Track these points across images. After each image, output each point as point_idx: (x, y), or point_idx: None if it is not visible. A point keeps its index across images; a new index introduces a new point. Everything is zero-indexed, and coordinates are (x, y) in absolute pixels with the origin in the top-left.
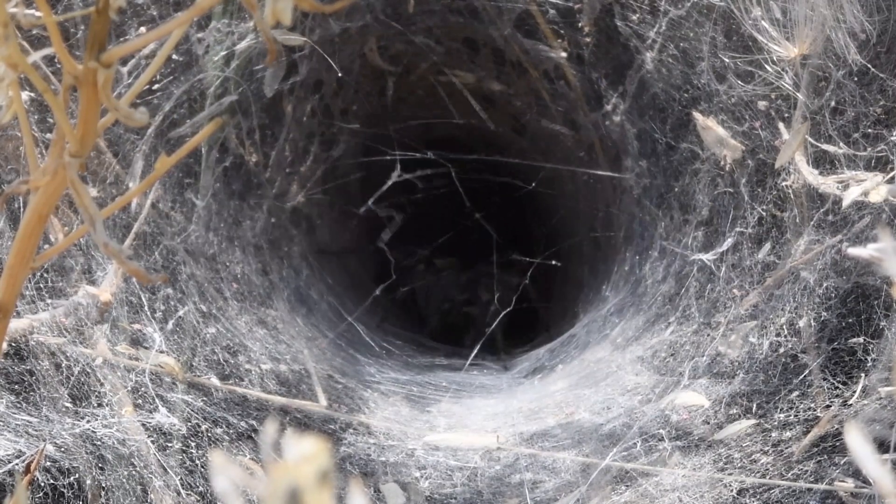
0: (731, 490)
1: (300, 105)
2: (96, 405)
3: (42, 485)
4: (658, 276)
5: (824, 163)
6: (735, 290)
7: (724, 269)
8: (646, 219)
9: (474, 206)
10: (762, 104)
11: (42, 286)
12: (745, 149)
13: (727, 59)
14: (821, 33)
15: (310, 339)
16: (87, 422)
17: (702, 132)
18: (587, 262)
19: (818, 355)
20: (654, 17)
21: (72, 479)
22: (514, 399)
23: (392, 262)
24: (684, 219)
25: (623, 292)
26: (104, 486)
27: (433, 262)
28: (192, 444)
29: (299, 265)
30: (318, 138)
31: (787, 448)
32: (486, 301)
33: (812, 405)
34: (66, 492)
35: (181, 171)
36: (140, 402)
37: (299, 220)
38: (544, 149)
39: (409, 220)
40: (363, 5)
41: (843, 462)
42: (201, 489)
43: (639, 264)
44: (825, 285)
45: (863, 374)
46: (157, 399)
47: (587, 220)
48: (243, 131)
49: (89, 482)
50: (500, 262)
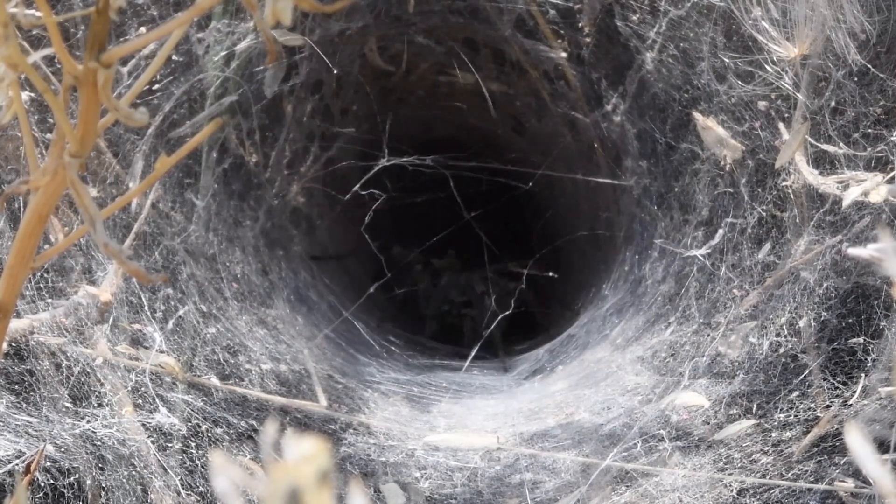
0: (732, 490)
1: (300, 105)
2: (96, 405)
3: (42, 485)
4: (658, 275)
5: (824, 163)
6: (735, 290)
7: (723, 269)
8: (646, 219)
9: (473, 204)
10: (762, 104)
11: (42, 286)
12: (745, 149)
13: (727, 60)
14: (821, 33)
15: (310, 339)
16: (88, 422)
17: (702, 132)
18: (587, 261)
19: (818, 355)
20: (654, 18)
21: (72, 479)
22: (515, 399)
23: (383, 260)
24: (684, 219)
25: (623, 292)
26: (104, 486)
27: (431, 263)
28: (193, 445)
29: (299, 266)
30: (318, 139)
31: (787, 448)
32: (485, 303)
33: (812, 405)
34: (66, 492)
35: (181, 172)
36: (140, 402)
37: (299, 220)
38: (544, 149)
39: (409, 220)
40: (363, 5)
41: (843, 462)
42: (201, 489)
43: (638, 264)
44: (825, 285)
45: (863, 375)
46: (157, 399)
47: (587, 219)
48: (243, 132)
49: (89, 482)
50: (498, 267)
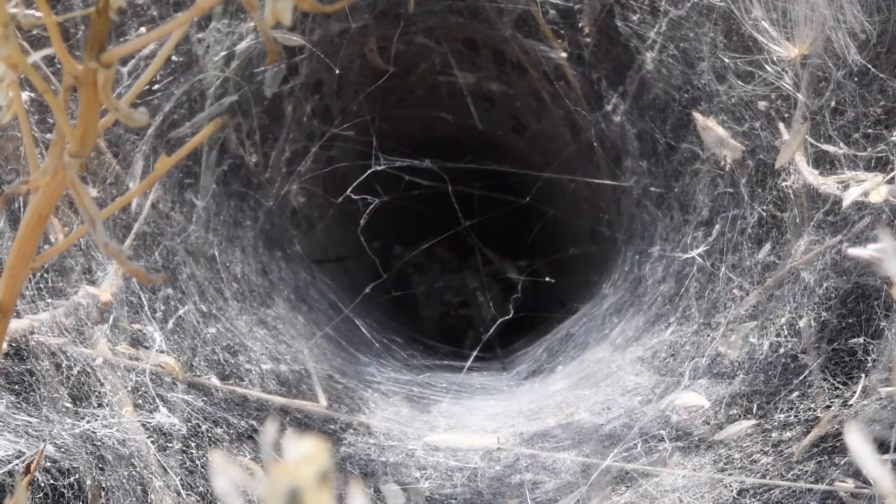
0: (732, 490)
1: (300, 106)
2: (96, 405)
3: (42, 485)
4: (658, 275)
5: (824, 163)
6: (735, 290)
7: (724, 269)
8: (646, 219)
9: (474, 202)
10: (762, 104)
11: (42, 286)
12: (745, 149)
13: (727, 60)
14: (821, 33)
15: (310, 339)
16: (88, 422)
17: (702, 132)
18: (587, 261)
19: (818, 356)
20: (655, 18)
21: (72, 479)
22: (515, 400)
23: (377, 262)
24: (684, 219)
25: (623, 292)
26: (104, 486)
27: (426, 264)
28: (193, 445)
29: (298, 266)
30: (318, 139)
31: (787, 448)
32: (480, 303)
33: (812, 405)
34: (66, 492)
35: (181, 172)
36: (140, 402)
37: (299, 220)
38: (544, 149)
39: (410, 220)
40: (363, 5)
41: (843, 462)
42: (201, 489)
43: (638, 264)
44: (825, 286)
45: (863, 375)
46: (157, 399)
47: (588, 219)
48: (243, 132)
49: (89, 482)
50: (493, 269)
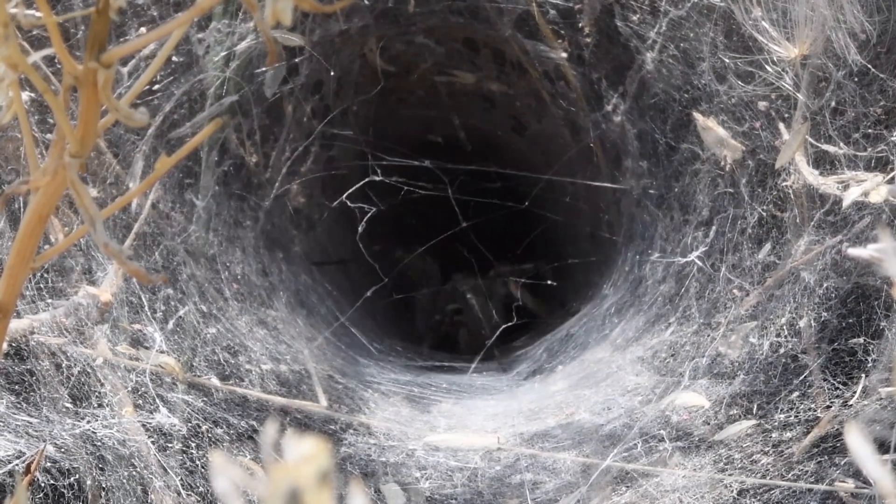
0: (732, 491)
1: (300, 106)
2: (96, 405)
3: (42, 485)
4: (658, 276)
5: (824, 163)
6: (735, 290)
7: (724, 269)
8: (646, 219)
9: (474, 204)
10: (762, 104)
11: (42, 286)
12: (745, 149)
13: (727, 60)
14: (821, 34)
15: (310, 340)
16: (88, 422)
17: (702, 132)
18: (587, 262)
19: (818, 356)
20: (655, 18)
21: (72, 479)
22: (515, 400)
23: (377, 267)
24: (684, 219)
25: (623, 292)
26: (104, 486)
27: (426, 269)
28: (193, 445)
29: (299, 267)
30: (318, 139)
31: (787, 448)
32: (475, 310)
33: (812, 406)
34: (66, 492)
35: (181, 172)
36: (140, 402)
37: (299, 220)
38: (544, 149)
39: (410, 223)
40: (363, 5)
41: (843, 462)
42: (202, 490)
43: (639, 264)
44: (825, 286)
45: (863, 375)
46: (157, 399)
47: (588, 220)
48: (243, 132)
49: (89, 483)
50: (497, 270)
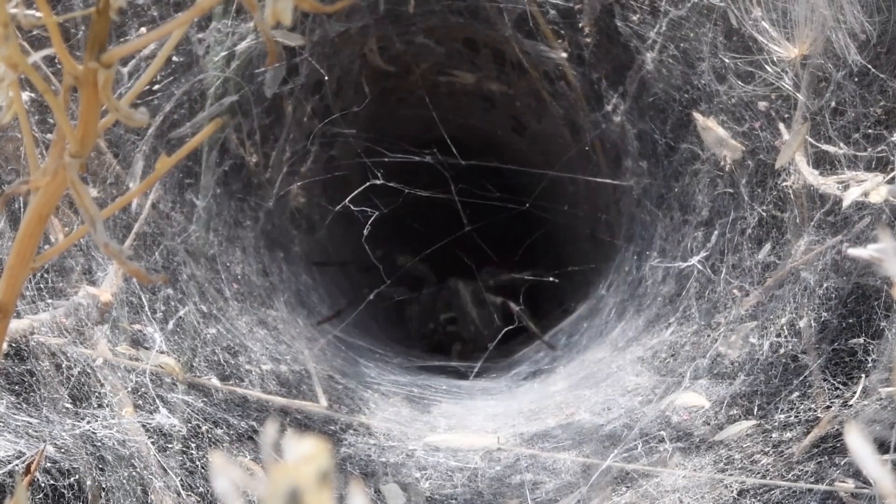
0: (732, 491)
1: (300, 106)
2: (96, 406)
3: (42, 486)
4: (658, 276)
5: (825, 163)
6: (735, 290)
7: (724, 269)
8: (646, 219)
9: (474, 205)
10: (762, 105)
11: (42, 286)
12: (745, 149)
13: (727, 60)
14: (821, 34)
15: (310, 340)
16: (88, 422)
17: (702, 133)
18: (587, 262)
19: (818, 356)
20: (655, 18)
21: (72, 479)
22: (515, 400)
23: (381, 269)
24: (684, 219)
25: (623, 293)
26: (104, 486)
27: (426, 274)
28: (193, 445)
29: (299, 267)
30: (318, 139)
31: (787, 449)
32: (476, 319)
33: (812, 406)
34: (66, 493)
35: (181, 172)
36: (140, 402)
37: (299, 220)
38: (544, 149)
39: (411, 225)
40: (363, 5)
41: (843, 463)
42: (202, 490)
43: (638, 265)
44: (825, 286)
45: (863, 375)
46: (157, 400)
47: (588, 220)
48: (243, 132)
49: (89, 483)
50: (497, 273)
